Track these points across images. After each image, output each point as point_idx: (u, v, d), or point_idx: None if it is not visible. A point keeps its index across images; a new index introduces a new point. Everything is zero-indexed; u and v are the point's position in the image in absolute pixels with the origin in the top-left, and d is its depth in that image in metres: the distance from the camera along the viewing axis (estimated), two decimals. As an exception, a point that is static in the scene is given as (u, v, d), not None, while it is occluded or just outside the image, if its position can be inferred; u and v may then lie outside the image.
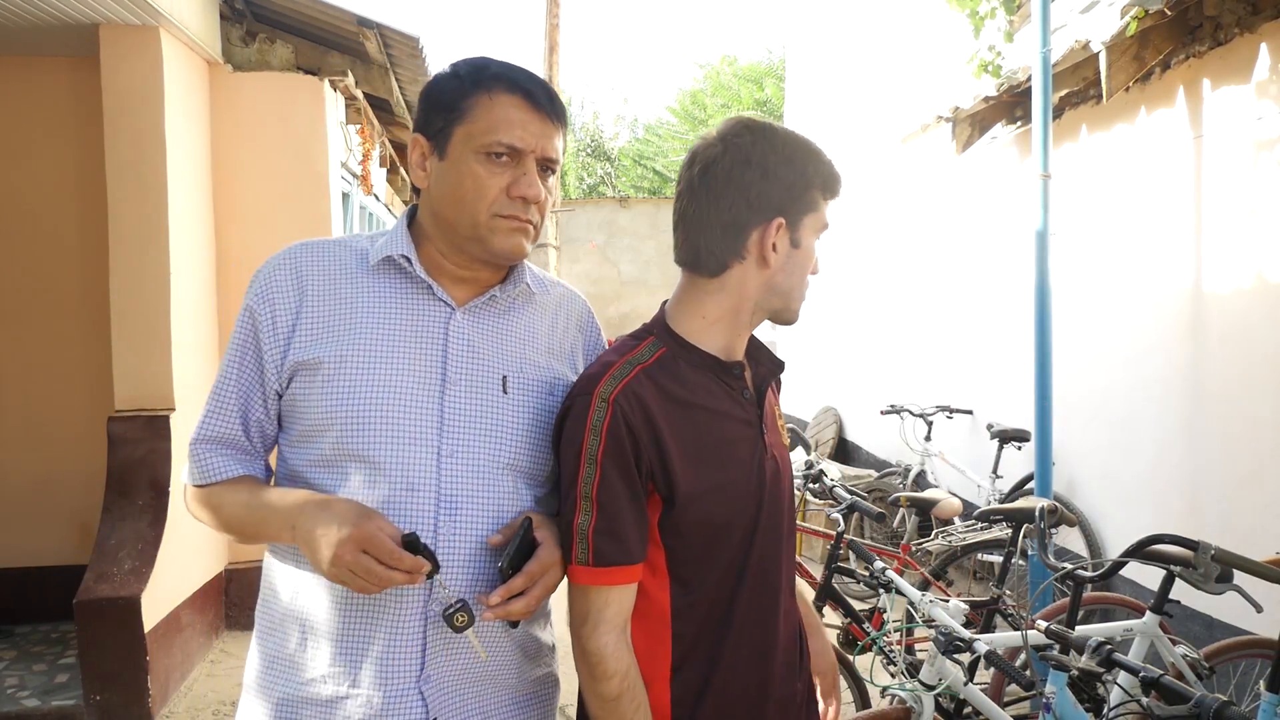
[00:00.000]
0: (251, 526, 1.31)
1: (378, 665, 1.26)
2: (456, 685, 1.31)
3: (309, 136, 4.73)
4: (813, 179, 1.38)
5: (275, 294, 1.32)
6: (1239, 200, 3.57)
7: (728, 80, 17.78)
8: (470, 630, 1.22)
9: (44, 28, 3.95)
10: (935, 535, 4.21)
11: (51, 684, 3.85)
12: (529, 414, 1.36)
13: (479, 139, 1.28)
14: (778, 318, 1.43)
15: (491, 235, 1.30)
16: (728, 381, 1.40)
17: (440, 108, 1.31)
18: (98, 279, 4.27)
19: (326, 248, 1.37)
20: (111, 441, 3.92)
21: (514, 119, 1.28)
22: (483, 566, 1.30)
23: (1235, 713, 1.54)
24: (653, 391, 1.32)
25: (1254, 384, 3.47)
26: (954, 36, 5.80)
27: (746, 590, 1.38)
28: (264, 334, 1.31)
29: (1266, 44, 3.41)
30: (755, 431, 1.41)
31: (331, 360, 1.28)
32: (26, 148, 4.47)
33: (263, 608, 1.37)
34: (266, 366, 1.31)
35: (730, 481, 1.36)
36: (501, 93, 1.29)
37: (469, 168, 1.28)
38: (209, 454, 1.34)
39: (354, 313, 1.31)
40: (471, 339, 1.35)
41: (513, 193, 1.29)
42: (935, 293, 6.71)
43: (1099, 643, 1.93)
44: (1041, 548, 2.62)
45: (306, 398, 1.29)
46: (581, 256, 16.51)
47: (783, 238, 1.36)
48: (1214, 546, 2.08)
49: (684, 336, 1.39)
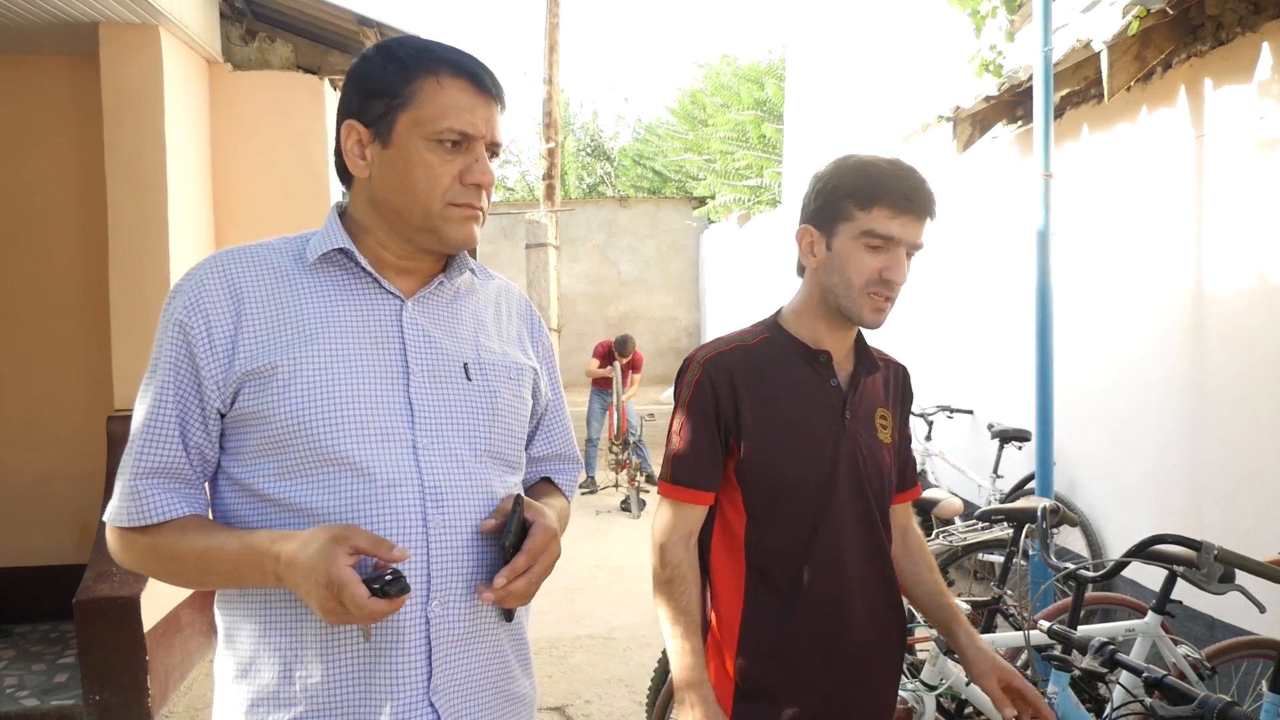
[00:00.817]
0: (220, 577, 1.21)
1: (385, 680, 1.21)
2: (463, 693, 1.28)
3: (309, 135, 4.72)
4: (843, 191, 1.62)
5: (207, 304, 1.24)
6: (1240, 200, 3.57)
7: (727, 80, 17.75)
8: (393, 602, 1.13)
9: (44, 26, 3.95)
10: (936, 535, 4.21)
11: (51, 683, 3.84)
12: (496, 400, 1.34)
13: (428, 125, 1.23)
14: (844, 314, 1.65)
15: (445, 225, 1.27)
16: (814, 366, 1.68)
17: (379, 93, 1.25)
18: (97, 278, 4.26)
19: (254, 252, 1.30)
20: (111, 441, 3.91)
21: (463, 104, 1.24)
22: (476, 555, 1.27)
23: (1239, 713, 1.53)
24: (742, 363, 1.67)
25: (1255, 384, 3.46)
26: (954, 36, 5.79)
27: (821, 545, 1.64)
28: (199, 349, 1.22)
29: (1268, 43, 3.40)
30: (836, 413, 1.67)
31: (287, 364, 1.21)
32: (27, 147, 4.46)
33: (228, 650, 1.28)
34: (205, 384, 1.22)
35: (799, 447, 1.64)
36: (448, 76, 1.24)
37: (419, 156, 1.24)
38: (151, 490, 1.21)
39: (300, 314, 1.25)
40: (426, 329, 1.31)
41: (466, 180, 1.25)
42: (936, 292, 6.71)
43: (1102, 643, 1.92)
44: (1044, 547, 2.61)
45: (263, 407, 1.21)
46: (581, 256, 16.51)
47: (819, 242, 1.65)
48: (1217, 546, 2.07)
49: (784, 326, 1.72)
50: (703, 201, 17.06)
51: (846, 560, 1.66)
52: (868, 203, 1.60)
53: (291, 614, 1.23)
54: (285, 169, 4.70)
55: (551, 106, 12.02)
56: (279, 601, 1.23)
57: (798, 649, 1.65)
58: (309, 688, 1.21)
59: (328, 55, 4.98)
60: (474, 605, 1.27)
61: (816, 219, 1.67)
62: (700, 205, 17.02)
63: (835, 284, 1.64)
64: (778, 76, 16.33)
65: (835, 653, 1.66)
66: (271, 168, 4.67)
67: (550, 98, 11.96)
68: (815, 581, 1.64)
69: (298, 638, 1.22)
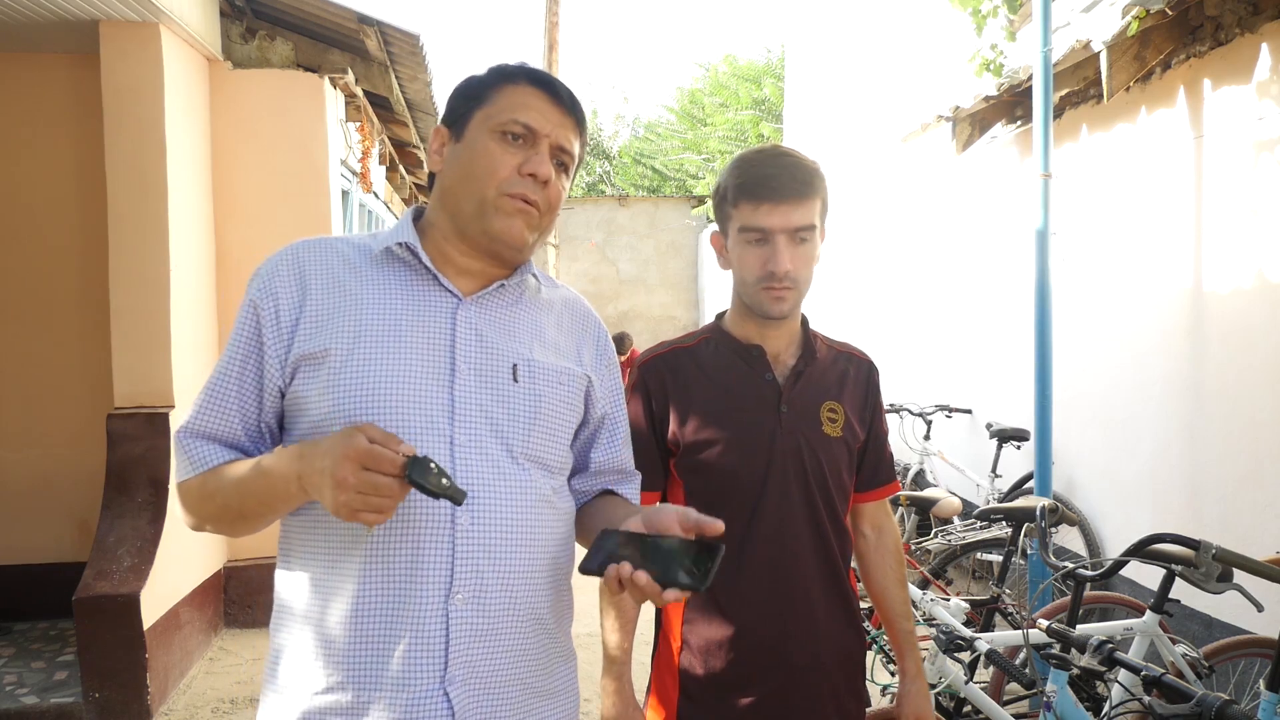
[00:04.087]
0: (256, 498, 1.24)
1: (399, 668, 1.23)
2: (483, 686, 1.27)
3: (309, 134, 4.72)
4: (721, 192, 1.67)
5: (278, 287, 1.29)
6: (1239, 201, 3.57)
7: (726, 79, 17.76)
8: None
9: (44, 24, 3.95)
10: (934, 534, 4.22)
11: (50, 681, 3.84)
12: (541, 403, 1.35)
13: (495, 118, 1.31)
14: (754, 312, 1.67)
15: (495, 215, 1.30)
16: (748, 362, 1.70)
17: (464, 97, 1.35)
18: (97, 276, 4.26)
19: (328, 243, 1.36)
20: (111, 439, 3.91)
21: (531, 103, 1.32)
22: (504, 555, 1.28)
23: (1237, 711, 1.54)
24: (679, 364, 1.72)
25: (1254, 384, 3.47)
26: (954, 35, 5.80)
27: (756, 541, 1.65)
28: (267, 328, 1.28)
29: (1267, 44, 3.41)
30: (772, 408, 1.68)
31: (339, 350, 1.26)
32: (27, 145, 4.46)
33: (277, 618, 1.33)
34: (270, 362, 1.28)
35: (734, 442, 1.66)
36: (524, 82, 1.33)
37: (483, 145, 1.31)
38: (199, 445, 1.29)
39: (359, 303, 1.29)
40: (479, 328, 1.33)
41: (524, 170, 1.30)
42: (935, 292, 6.71)
43: (1101, 641, 1.93)
44: (1043, 546, 2.62)
45: (311, 391, 1.26)
46: (580, 255, 16.51)
47: (723, 246, 1.71)
48: (1215, 546, 2.08)
49: (723, 326, 1.77)
50: (702, 201, 17.07)
51: (788, 554, 1.67)
52: (736, 199, 1.63)
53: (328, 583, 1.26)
54: (285, 167, 4.69)
55: (551, 105, 11.99)
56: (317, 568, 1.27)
57: (737, 643, 1.66)
58: (336, 661, 1.25)
59: (328, 54, 4.98)
60: (498, 602, 1.27)
61: (718, 224, 1.72)
62: (699, 204, 17.03)
63: (738, 283, 1.69)
64: (776, 76, 16.33)
65: (778, 647, 1.66)
66: (271, 166, 4.67)
67: (550, 96, 11.94)
68: (752, 573, 1.66)
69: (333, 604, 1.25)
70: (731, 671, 1.66)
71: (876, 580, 1.85)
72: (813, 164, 1.65)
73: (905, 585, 1.86)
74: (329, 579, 1.26)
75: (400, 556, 1.23)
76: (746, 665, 1.66)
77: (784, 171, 1.60)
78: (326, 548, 1.27)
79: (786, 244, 1.59)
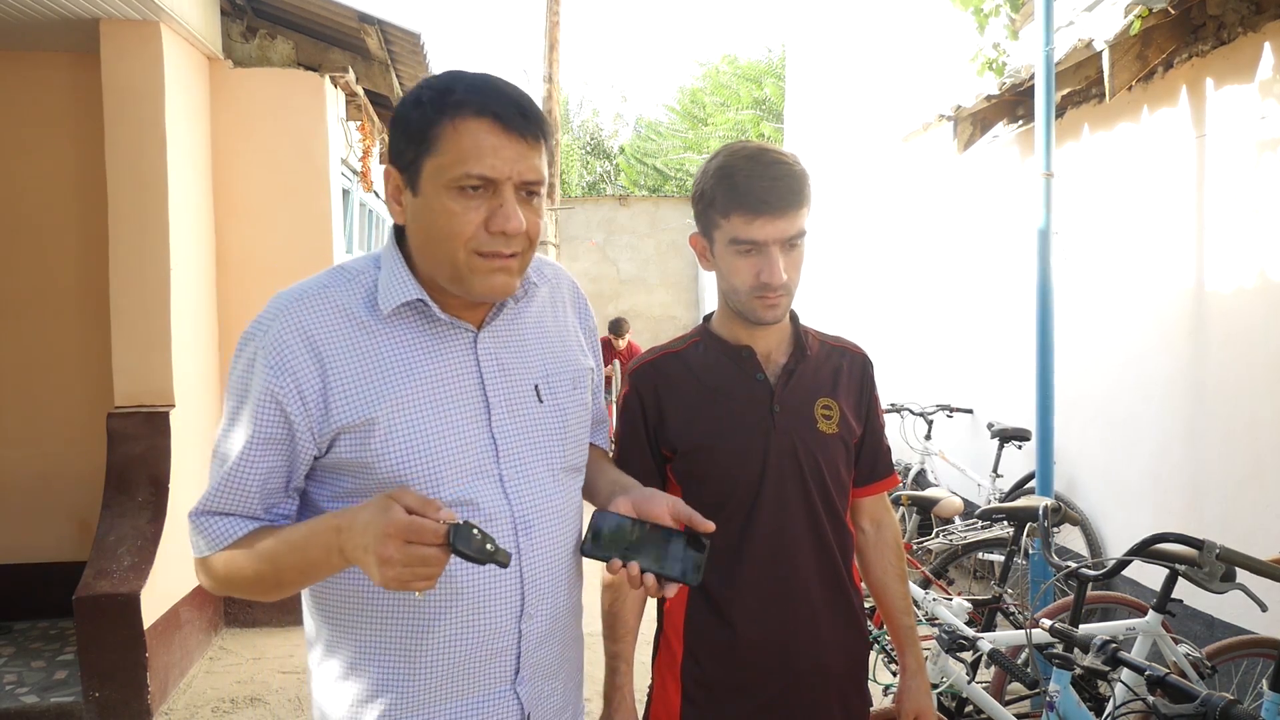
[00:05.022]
0: (295, 570, 1.21)
1: (475, 683, 1.29)
2: (541, 679, 1.35)
3: (309, 133, 4.71)
4: (706, 200, 1.62)
5: (293, 365, 1.21)
6: (1241, 200, 3.57)
7: (726, 79, 17.77)
8: None
9: (44, 23, 3.94)
10: (936, 534, 4.21)
11: (50, 680, 3.84)
12: (566, 416, 1.39)
13: (448, 172, 1.18)
14: (744, 317, 1.64)
15: (472, 276, 1.22)
16: (737, 363, 1.68)
17: (408, 138, 1.21)
18: (97, 275, 4.25)
19: (323, 295, 1.26)
20: (111, 438, 3.91)
21: (484, 146, 1.18)
22: (559, 569, 1.35)
23: (1242, 711, 1.53)
24: (669, 370, 1.70)
25: (1255, 384, 3.47)
26: (956, 34, 5.79)
27: (754, 544, 1.64)
28: (293, 412, 1.21)
29: (1270, 43, 3.40)
30: (765, 408, 1.66)
31: (384, 417, 1.23)
32: (27, 144, 4.46)
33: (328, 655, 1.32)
34: (301, 441, 1.22)
35: (727, 445, 1.64)
36: (468, 118, 1.18)
37: (441, 204, 1.19)
38: (216, 523, 1.25)
39: (385, 366, 1.25)
40: (499, 357, 1.33)
41: (491, 228, 1.19)
42: (936, 291, 6.71)
43: (1104, 641, 1.92)
44: (1045, 546, 2.61)
45: (364, 457, 1.23)
46: (581, 254, 16.50)
47: (707, 250, 1.66)
48: (1219, 545, 2.08)
49: (712, 329, 1.74)
50: (702, 200, 17.02)
51: (786, 556, 1.66)
52: (726, 210, 1.57)
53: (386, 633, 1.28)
54: (285, 166, 4.69)
55: (551, 105, 12.02)
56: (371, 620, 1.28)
57: (738, 647, 1.65)
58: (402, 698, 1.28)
59: (329, 52, 4.98)
60: (554, 607, 1.35)
61: (699, 226, 1.67)
62: (700, 204, 16.98)
63: (727, 290, 1.65)
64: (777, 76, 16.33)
65: (779, 651, 1.65)
66: (272, 165, 4.67)
67: (550, 96, 11.97)
68: (751, 576, 1.65)
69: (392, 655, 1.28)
70: (733, 676, 1.66)
71: (876, 576, 1.84)
72: (801, 169, 1.60)
73: (905, 580, 1.85)
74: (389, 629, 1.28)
75: (472, 597, 1.27)
76: (748, 669, 1.65)
77: (778, 183, 1.54)
78: (383, 602, 1.27)
79: (780, 254, 1.57)
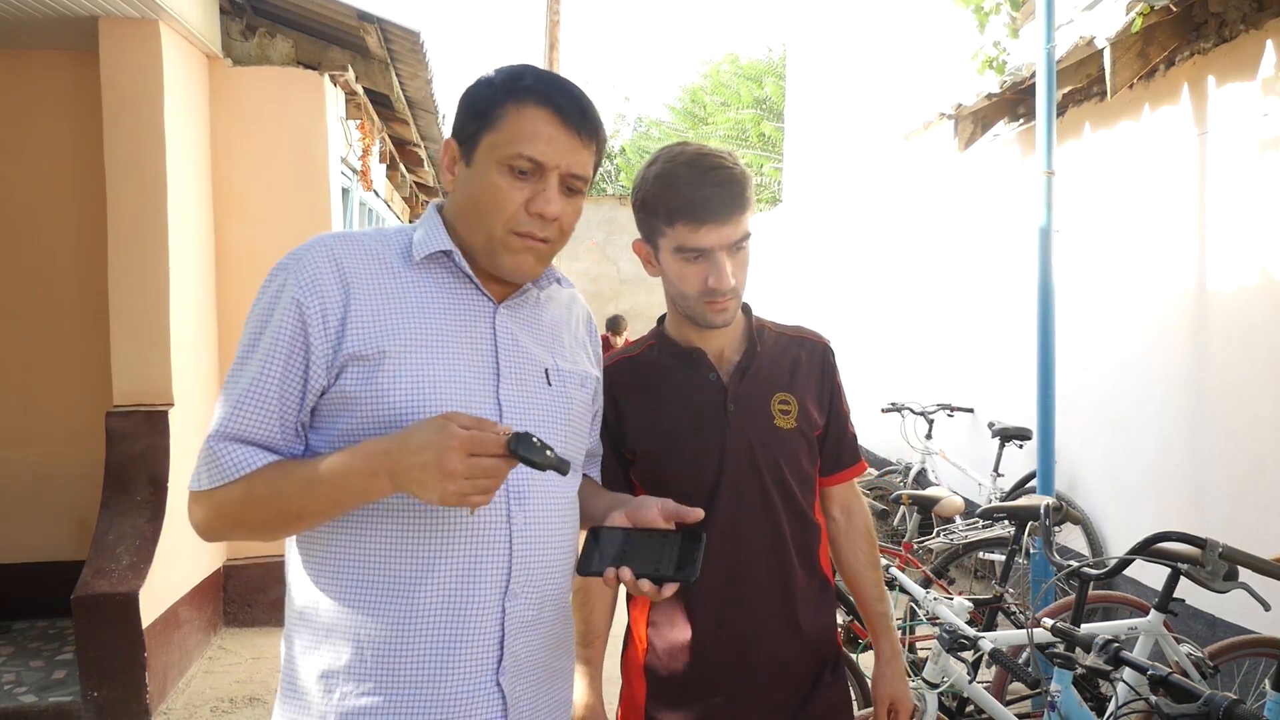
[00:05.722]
0: (326, 498, 1.19)
1: (456, 666, 1.26)
2: (524, 671, 1.33)
3: (309, 132, 4.70)
4: (650, 207, 1.59)
5: (322, 284, 1.25)
6: (1243, 198, 3.56)
7: (727, 78, 17.77)
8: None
9: (43, 21, 3.93)
10: (936, 533, 4.20)
11: (49, 680, 3.83)
12: (571, 406, 1.41)
13: (502, 149, 1.26)
14: (695, 321, 1.64)
15: (503, 252, 1.29)
16: (689, 365, 1.68)
17: (473, 113, 1.29)
18: (96, 274, 4.24)
19: (360, 240, 1.32)
20: (110, 437, 3.90)
21: (540, 132, 1.26)
22: (550, 552, 1.34)
23: (1245, 711, 1.52)
24: (625, 375, 1.69)
25: (1257, 383, 3.46)
26: (956, 33, 5.78)
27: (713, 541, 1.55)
28: (314, 327, 1.23)
29: (1272, 40, 3.39)
30: (719, 408, 1.66)
31: (394, 351, 1.25)
32: (25, 142, 4.45)
33: (302, 623, 1.30)
34: (314, 362, 1.23)
35: (683, 447, 1.65)
36: (531, 105, 1.26)
37: (490, 178, 1.27)
38: (234, 450, 1.22)
39: (404, 306, 1.28)
40: (515, 333, 1.36)
41: (531, 208, 1.26)
42: (937, 290, 6.70)
43: (1105, 640, 1.91)
44: (1047, 545, 2.61)
45: (364, 391, 1.24)
46: (581, 254, 16.49)
47: (651, 256, 1.64)
48: (1221, 544, 2.07)
49: (666, 332, 1.74)
50: (702, 200, 17.02)
51: (743, 555, 1.65)
52: (670, 219, 1.55)
53: (371, 591, 1.25)
54: (285, 165, 4.68)
55: (551, 104, 11.99)
56: (357, 577, 1.26)
57: (698, 644, 1.65)
58: (382, 665, 1.25)
59: (328, 51, 4.97)
60: (542, 594, 1.33)
61: (642, 233, 1.64)
62: (700, 204, 16.98)
63: (675, 296, 1.64)
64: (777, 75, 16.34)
65: (739, 648, 1.65)
66: (271, 164, 4.66)
67: (550, 95, 11.94)
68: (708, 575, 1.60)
69: (375, 616, 1.25)
70: (694, 672, 1.66)
71: (848, 563, 1.83)
72: (741, 171, 1.58)
73: (878, 567, 1.84)
74: (374, 583, 1.26)
75: (459, 559, 1.26)
76: (709, 666, 1.65)
77: (721, 190, 1.53)
78: (371, 554, 1.26)
79: (727, 258, 1.56)
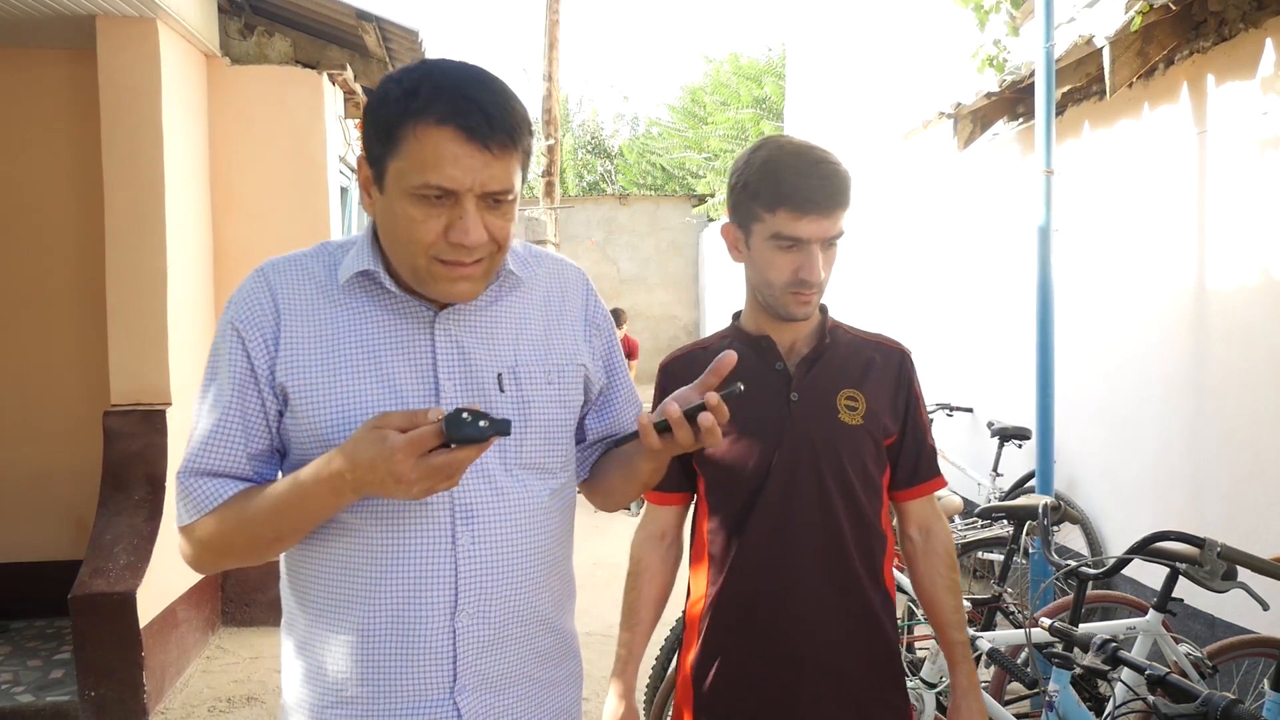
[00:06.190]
0: (297, 517, 1.19)
1: (409, 684, 1.24)
2: (492, 689, 1.29)
3: (307, 131, 4.70)
4: (750, 192, 1.60)
5: (256, 313, 1.25)
6: (1243, 197, 3.55)
7: (727, 78, 17.77)
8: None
9: (41, 20, 3.92)
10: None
11: (46, 680, 3.83)
12: (530, 409, 1.31)
13: (409, 178, 1.15)
14: (773, 311, 1.65)
15: (432, 282, 1.20)
16: (758, 352, 1.68)
17: (376, 134, 1.18)
18: (94, 273, 4.24)
19: (298, 262, 1.30)
20: (107, 436, 3.89)
21: (444, 155, 1.13)
22: (505, 568, 1.28)
23: (1243, 711, 1.51)
24: (693, 363, 1.70)
25: (1256, 382, 3.45)
26: (956, 32, 5.78)
27: (756, 526, 1.63)
28: (255, 354, 1.23)
29: (1271, 39, 3.39)
30: (782, 396, 1.65)
31: (323, 381, 1.23)
32: (23, 141, 4.44)
33: (288, 632, 1.33)
34: (264, 388, 1.23)
35: (741, 430, 1.63)
36: (430, 124, 1.13)
37: (403, 209, 1.16)
38: (203, 484, 1.23)
39: (335, 332, 1.25)
40: (459, 339, 1.28)
41: (450, 238, 1.16)
42: (936, 290, 6.70)
43: (1104, 640, 1.91)
44: (1046, 545, 2.60)
45: (297, 425, 1.23)
46: (580, 254, 16.49)
47: (740, 241, 1.67)
48: (1220, 544, 2.06)
49: (739, 324, 1.76)
50: (702, 199, 17.06)
51: (790, 547, 1.62)
52: (771, 205, 1.56)
53: (330, 608, 1.26)
54: (283, 164, 4.67)
55: (551, 103, 12.01)
56: (319, 594, 1.27)
57: (742, 640, 1.63)
58: (343, 678, 1.26)
59: (327, 50, 4.96)
60: (503, 612, 1.28)
61: (734, 217, 1.66)
62: (700, 203, 17.02)
63: (759, 284, 1.65)
64: (777, 75, 16.33)
65: (784, 647, 1.62)
66: (269, 163, 4.65)
67: (550, 95, 11.96)
68: (748, 562, 1.64)
69: (335, 630, 1.26)
70: (741, 670, 1.64)
71: (925, 587, 1.75)
72: (845, 170, 1.61)
73: (958, 592, 1.74)
74: (333, 600, 1.26)
75: (403, 580, 1.23)
76: (756, 664, 1.63)
77: (827, 184, 1.56)
78: (329, 572, 1.26)
79: (820, 251, 1.58)
